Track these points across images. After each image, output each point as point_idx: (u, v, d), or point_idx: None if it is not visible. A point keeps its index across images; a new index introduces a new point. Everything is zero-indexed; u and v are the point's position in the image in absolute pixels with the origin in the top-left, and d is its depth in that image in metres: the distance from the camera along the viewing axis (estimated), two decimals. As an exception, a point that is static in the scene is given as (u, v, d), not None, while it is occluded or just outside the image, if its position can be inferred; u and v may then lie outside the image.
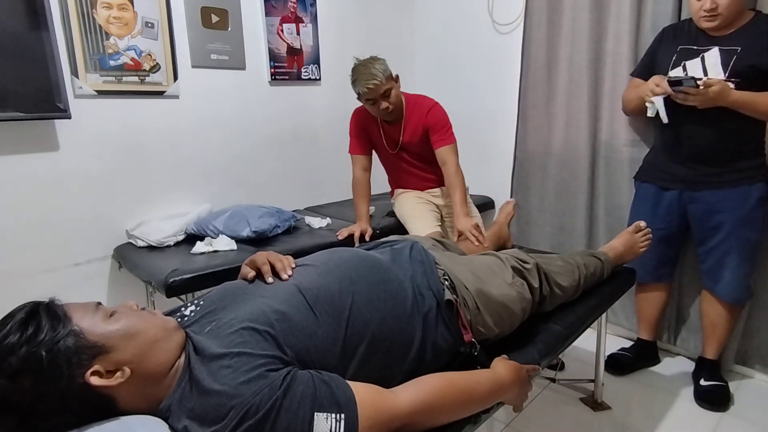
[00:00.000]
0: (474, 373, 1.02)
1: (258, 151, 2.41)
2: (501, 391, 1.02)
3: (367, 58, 1.99)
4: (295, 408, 0.76)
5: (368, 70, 1.93)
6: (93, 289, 1.96)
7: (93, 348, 0.77)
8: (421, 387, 0.91)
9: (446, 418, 0.93)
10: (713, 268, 1.86)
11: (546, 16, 2.33)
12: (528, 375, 1.10)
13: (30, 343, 0.73)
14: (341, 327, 0.94)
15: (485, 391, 0.98)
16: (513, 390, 1.04)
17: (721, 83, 1.61)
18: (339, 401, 0.79)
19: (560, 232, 2.45)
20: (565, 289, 1.44)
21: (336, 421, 0.76)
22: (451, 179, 2.04)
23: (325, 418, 0.76)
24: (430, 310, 1.09)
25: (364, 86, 1.93)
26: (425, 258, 1.22)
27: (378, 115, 2.06)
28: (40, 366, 0.72)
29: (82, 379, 0.75)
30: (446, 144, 2.07)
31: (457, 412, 0.95)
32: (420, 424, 0.88)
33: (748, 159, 1.76)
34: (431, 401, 0.89)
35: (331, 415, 0.77)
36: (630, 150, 2.14)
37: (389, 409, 0.84)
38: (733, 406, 1.84)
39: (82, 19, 1.77)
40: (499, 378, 1.02)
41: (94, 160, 1.89)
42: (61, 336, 0.75)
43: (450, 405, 0.92)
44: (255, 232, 1.93)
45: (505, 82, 2.62)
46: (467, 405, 0.96)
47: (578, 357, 2.13)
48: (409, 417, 0.86)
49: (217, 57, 2.18)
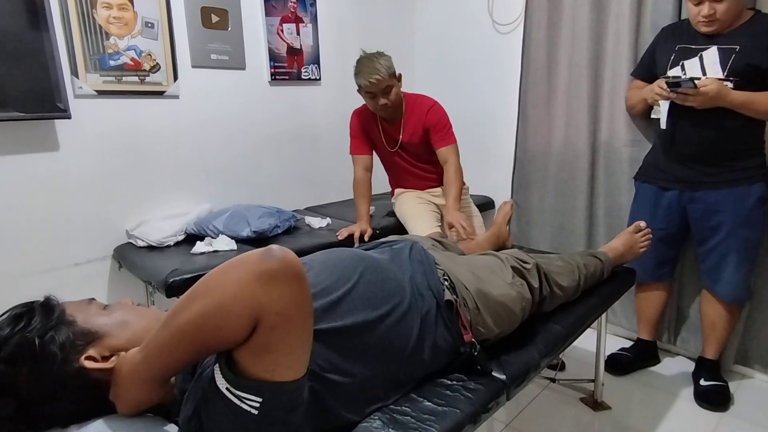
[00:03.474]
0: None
1: (258, 151, 2.41)
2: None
3: (374, 52, 2.00)
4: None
5: (372, 64, 1.94)
6: (93, 289, 1.95)
7: (87, 335, 0.79)
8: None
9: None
10: (713, 268, 1.86)
11: (546, 16, 2.33)
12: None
13: (23, 331, 0.75)
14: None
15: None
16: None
17: (718, 83, 1.61)
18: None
19: (560, 232, 2.45)
20: (565, 289, 1.44)
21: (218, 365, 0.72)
22: (450, 176, 2.07)
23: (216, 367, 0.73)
24: (429, 310, 1.09)
25: (366, 79, 1.94)
26: (425, 258, 1.22)
27: (375, 109, 2.07)
28: (33, 351, 0.74)
29: (77, 363, 0.76)
30: (447, 144, 2.09)
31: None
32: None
33: (748, 159, 1.76)
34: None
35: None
36: (630, 150, 2.14)
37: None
38: (733, 406, 1.84)
39: (82, 19, 1.77)
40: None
41: (94, 160, 1.89)
42: (53, 324, 0.77)
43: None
44: (255, 232, 1.93)
45: (505, 82, 2.62)
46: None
47: (578, 357, 2.13)
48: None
49: (217, 57, 2.18)
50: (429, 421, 0.97)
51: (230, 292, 0.65)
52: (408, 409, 1.00)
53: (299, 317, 0.69)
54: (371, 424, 0.94)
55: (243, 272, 0.66)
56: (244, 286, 0.65)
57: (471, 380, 1.11)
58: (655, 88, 1.76)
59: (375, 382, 0.97)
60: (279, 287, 0.66)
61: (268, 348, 0.68)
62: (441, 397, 1.04)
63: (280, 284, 0.66)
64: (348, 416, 0.92)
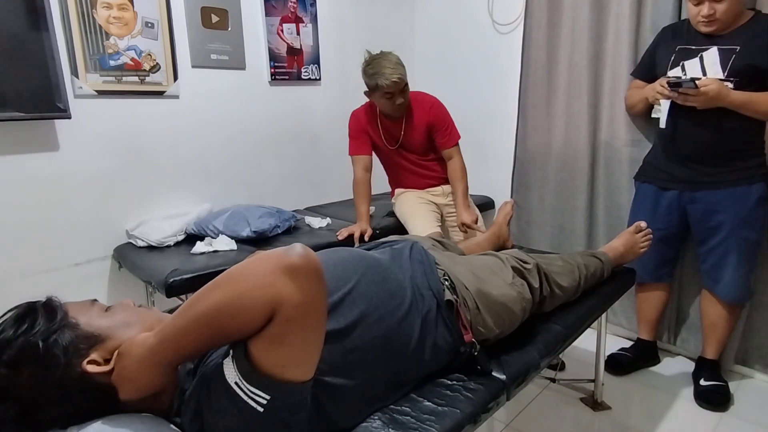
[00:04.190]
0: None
1: (258, 151, 2.41)
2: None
3: (384, 52, 1.99)
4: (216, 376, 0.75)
5: (390, 64, 1.93)
6: (93, 289, 1.96)
7: (90, 338, 0.78)
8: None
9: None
10: (713, 268, 1.86)
11: (546, 16, 2.33)
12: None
13: (26, 334, 0.74)
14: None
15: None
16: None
17: (718, 84, 1.61)
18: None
19: (560, 232, 2.45)
20: (565, 290, 1.44)
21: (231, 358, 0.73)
22: (455, 174, 2.11)
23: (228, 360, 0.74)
24: (429, 310, 1.09)
25: (388, 79, 1.91)
26: (425, 258, 1.22)
27: (389, 110, 2.06)
28: (37, 354, 0.73)
29: (79, 367, 0.76)
30: (452, 142, 2.14)
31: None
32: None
33: (748, 159, 1.76)
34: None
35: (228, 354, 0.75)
36: (630, 150, 2.14)
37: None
38: (733, 406, 1.84)
39: (82, 19, 1.77)
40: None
41: (94, 160, 1.89)
42: (57, 327, 0.76)
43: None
44: (255, 232, 1.93)
45: (505, 82, 2.62)
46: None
47: (578, 357, 2.13)
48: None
49: (217, 57, 2.18)
50: (429, 421, 0.97)
51: (251, 281, 0.67)
52: (408, 409, 1.00)
53: (314, 314, 0.71)
54: (371, 424, 0.94)
55: (266, 263, 0.69)
56: (266, 275, 0.67)
57: (471, 380, 1.11)
58: (656, 87, 1.77)
59: (375, 383, 0.97)
60: (299, 281, 0.68)
61: (282, 340, 0.69)
62: (441, 397, 1.04)
63: (301, 278, 0.68)
64: (347, 422, 0.92)
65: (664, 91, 1.72)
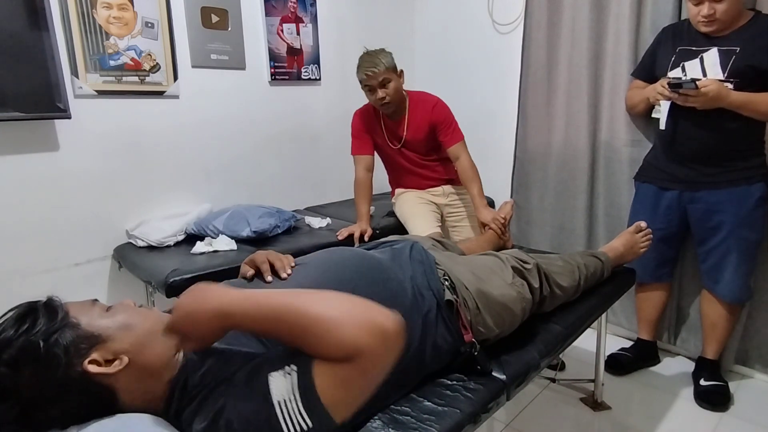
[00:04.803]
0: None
1: (258, 151, 2.41)
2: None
3: (376, 49, 2.04)
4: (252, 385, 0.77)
5: (371, 58, 1.99)
6: (93, 289, 1.96)
7: (90, 338, 0.78)
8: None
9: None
10: (713, 268, 1.86)
11: (546, 16, 2.33)
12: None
13: (27, 333, 0.74)
14: None
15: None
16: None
17: (718, 84, 1.62)
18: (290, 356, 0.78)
19: (560, 232, 2.45)
20: (565, 290, 1.44)
21: (287, 374, 0.76)
22: (467, 173, 2.09)
23: (280, 375, 0.76)
24: (430, 310, 1.09)
25: (363, 72, 1.99)
26: (425, 258, 1.22)
27: (375, 104, 2.09)
28: (38, 354, 0.73)
29: (80, 367, 0.76)
30: (456, 141, 2.12)
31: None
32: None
33: (748, 159, 1.76)
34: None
35: (283, 369, 0.77)
36: (630, 150, 2.14)
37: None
38: (733, 406, 1.84)
39: (82, 19, 1.77)
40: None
41: (94, 160, 1.89)
42: (58, 327, 0.76)
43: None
44: (255, 232, 1.93)
45: (505, 82, 2.62)
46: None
47: (578, 357, 2.13)
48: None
49: (217, 57, 2.18)
50: (429, 421, 0.97)
51: (352, 321, 0.73)
52: (408, 409, 1.00)
53: (381, 376, 0.78)
54: (371, 424, 0.94)
55: (370, 312, 0.76)
56: (363, 324, 0.73)
57: (471, 380, 1.11)
58: (657, 88, 1.77)
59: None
60: (386, 344, 0.75)
61: (349, 384, 0.75)
62: (441, 397, 1.04)
63: (389, 343, 0.75)
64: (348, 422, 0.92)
65: (665, 92, 1.72)
